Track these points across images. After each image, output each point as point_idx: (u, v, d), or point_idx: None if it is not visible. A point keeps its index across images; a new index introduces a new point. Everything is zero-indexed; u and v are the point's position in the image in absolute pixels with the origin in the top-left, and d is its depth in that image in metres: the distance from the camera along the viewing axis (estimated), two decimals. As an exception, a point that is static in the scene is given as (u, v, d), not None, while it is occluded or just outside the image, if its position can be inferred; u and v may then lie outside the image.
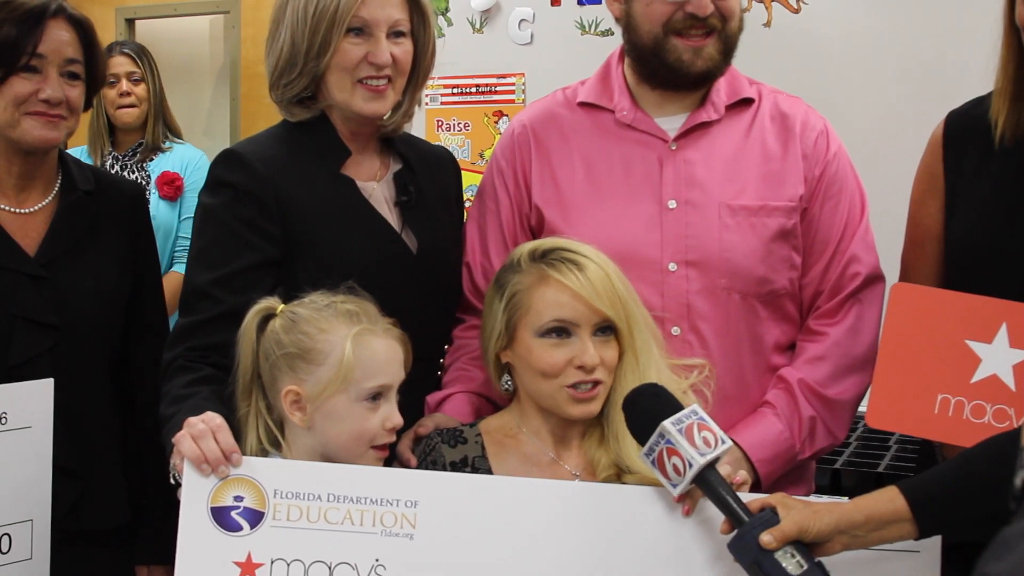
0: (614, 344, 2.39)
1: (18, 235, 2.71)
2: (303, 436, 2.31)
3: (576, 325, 2.36)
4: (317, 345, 2.28)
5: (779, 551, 2.02)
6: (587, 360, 2.34)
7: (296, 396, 2.28)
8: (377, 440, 2.30)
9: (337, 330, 2.29)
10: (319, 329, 2.29)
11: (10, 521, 2.52)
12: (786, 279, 2.69)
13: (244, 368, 2.35)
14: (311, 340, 2.29)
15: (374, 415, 2.29)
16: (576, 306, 2.36)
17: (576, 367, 2.35)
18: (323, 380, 2.27)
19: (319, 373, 2.27)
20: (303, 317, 2.31)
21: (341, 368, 2.26)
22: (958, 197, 2.64)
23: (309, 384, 2.28)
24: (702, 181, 2.69)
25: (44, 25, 2.67)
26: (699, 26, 2.65)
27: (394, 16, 2.62)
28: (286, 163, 2.63)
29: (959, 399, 2.43)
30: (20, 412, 2.51)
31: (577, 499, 2.22)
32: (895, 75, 4.50)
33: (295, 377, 2.29)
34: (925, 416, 2.45)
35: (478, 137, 5.26)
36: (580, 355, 2.34)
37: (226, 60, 7.46)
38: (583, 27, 5.05)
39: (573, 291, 2.35)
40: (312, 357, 2.28)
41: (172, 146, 5.09)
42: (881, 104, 4.48)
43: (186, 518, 2.13)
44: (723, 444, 2.12)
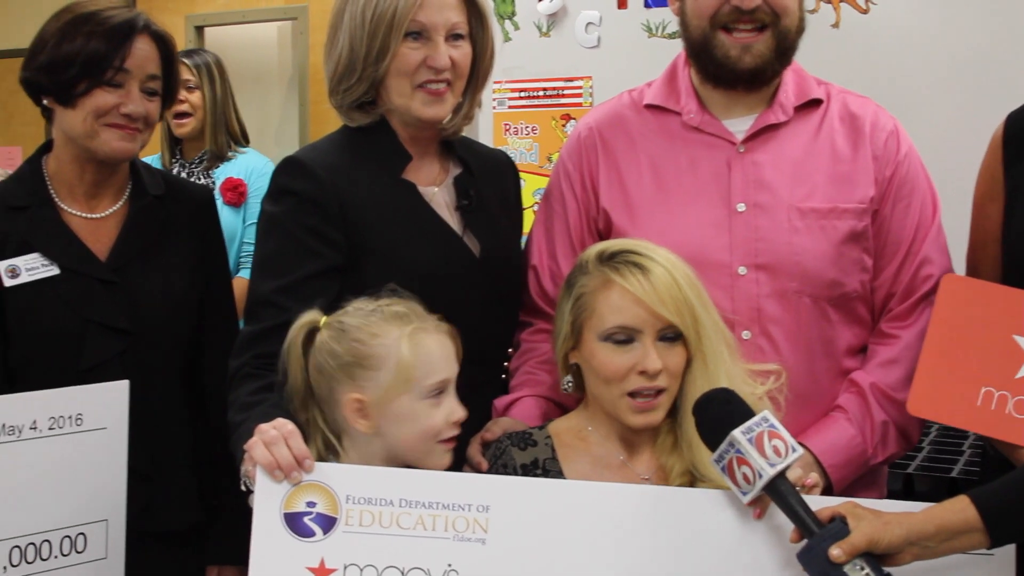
0: (680, 350, 2.37)
1: (90, 240, 2.75)
2: (364, 444, 2.31)
3: (639, 331, 2.34)
4: (373, 351, 2.29)
5: (848, 564, 2.01)
6: (649, 366, 2.33)
7: (359, 404, 2.28)
8: (443, 435, 2.31)
9: (390, 333, 2.30)
10: (372, 335, 2.29)
11: (86, 521, 2.55)
12: (857, 282, 2.67)
13: (295, 385, 2.35)
14: (366, 347, 2.29)
15: (438, 411, 2.30)
16: (638, 312, 2.34)
17: (638, 373, 2.34)
18: (384, 384, 2.27)
19: (379, 378, 2.28)
20: (353, 325, 2.31)
21: (401, 369, 2.27)
22: (1017, 197, 2.61)
23: (370, 390, 2.28)
24: (771, 183, 2.67)
25: (132, 41, 2.71)
26: (746, 20, 2.63)
27: (452, 19, 2.62)
28: (348, 169, 2.64)
29: (1003, 393, 2.42)
30: (96, 414, 2.54)
31: (648, 503, 2.22)
32: (964, 75, 4.45)
33: (355, 385, 2.29)
34: (967, 408, 2.44)
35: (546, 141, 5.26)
36: (642, 361, 2.33)
37: (294, 66, 7.52)
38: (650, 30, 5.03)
39: (636, 296, 2.34)
40: (370, 363, 2.28)
41: (236, 154, 5.11)
42: (950, 104, 4.43)
43: (259, 524, 2.14)
44: (794, 452, 2.10)
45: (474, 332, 2.46)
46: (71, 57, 2.67)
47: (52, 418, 2.49)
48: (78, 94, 2.68)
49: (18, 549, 2.47)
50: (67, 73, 2.67)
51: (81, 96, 2.68)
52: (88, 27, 2.68)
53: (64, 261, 2.70)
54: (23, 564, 2.47)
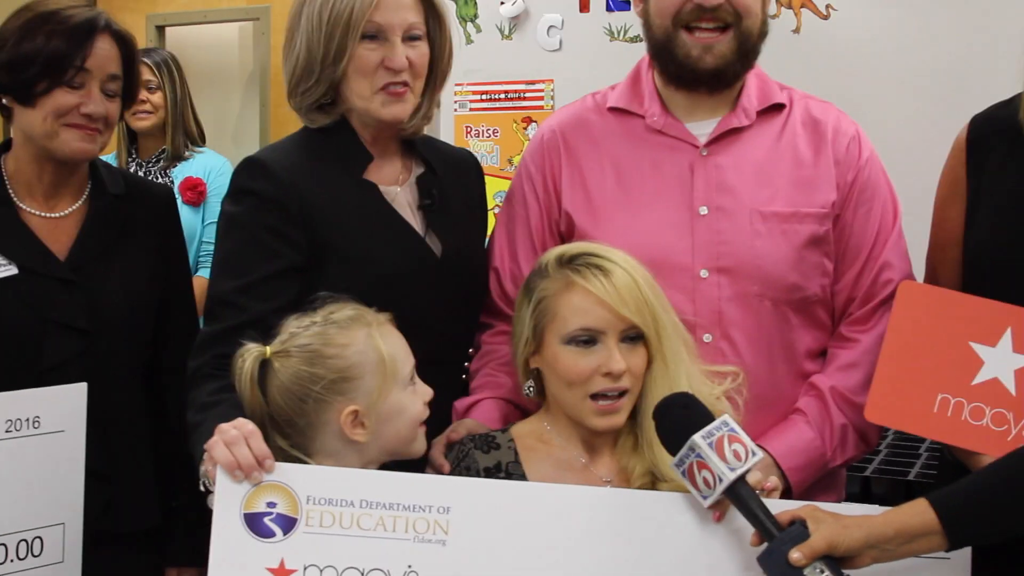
0: (642, 351, 2.38)
1: (49, 240, 2.72)
2: (345, 457, 2.30)
3: (602, 332, 2.35)
4: (351, 360, 2.28)
5: (808, 567, 2.02)
6: (613, 367, 2.33)
7: (354, 415, 2.27)
8: (422, 418, 2.33)
9: (357, 338, 2.29)
10: (342, 346, 2.29)
11: (42, 524, 2.53)
12: (818, 286, 2.68)
13: (254, 419, 2.28)
14: (343, 359, 2.28)
15: (416, 396, 2.33)
16: (602, 313, 2.35)
17: (603, 375, 2.34)
18: (373, 387, 2.27)
19: (365, 384, 2.27)
20: (319, 343, 2.29)
21: (387, 367, 2.27)
22: (979, 201, 2.62)
23: (361, 398, 2.27)
24: (733, 187, 2.68)
25: (93, 40, 2.69)
26: (708, 18, 2.64)
27: (409, 20, 2.61)
28: (308, 169, 2.63)
29: (959, 400, 2.44)
30: (53, 416, 2.52)
31: (609, 505, 2.22)
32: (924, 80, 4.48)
33: (345, 399, 2.28)
34: (924, 414, 2.45)
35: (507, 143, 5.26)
36: (606, 362, 2.33)
37: (256, 67, 7.49)
38: (612, 33, 5.04)
39: (598, 298, 2.34)
40: (354, 372, 2.27)
41: (193, 154, 5.10)
42: (911, 109, 4.46)
43: (219, 524, 2.12)
44: (754, 456, 2.11)
45: (435, 332, 2.47)
46: (31, 56, 2.64)
47: (9, 420, 2.46)
48: (38, 93, 2.66)
49: (-28, 553, 2.46)
50: (27, 72, 2.65)
51: (41, 96, 2.66)
52: (49, 26, 2.66)
53: (23, 260, 2.67)
54: (-22, 567, 2.46)
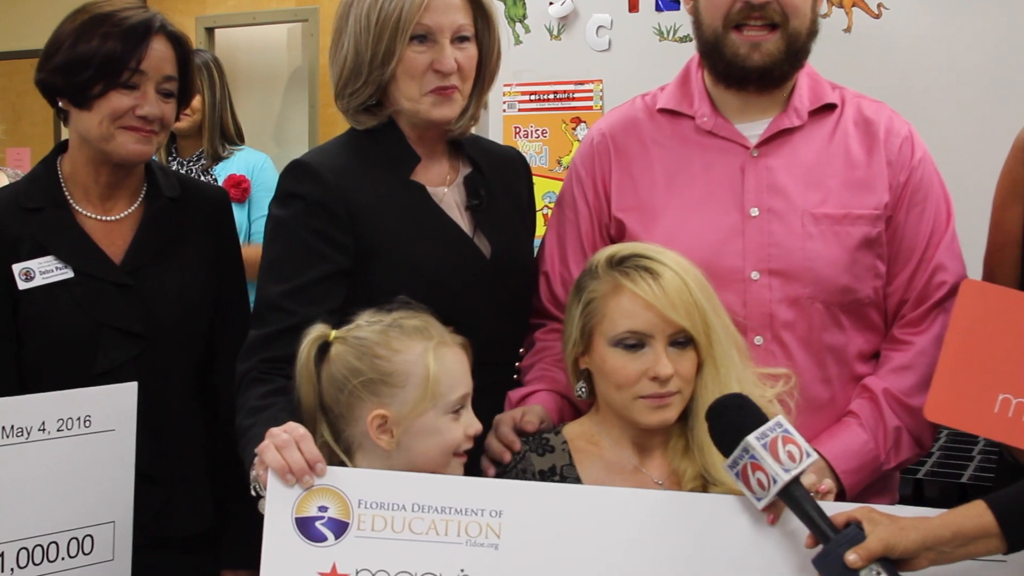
0: (691, 355, 2.36)
1: (104, 243, 2.74)
2: (379, 460, 2.29)
3: (650, 336, 2.34)
4: (396, 367, 2.27)
5: (864, 569, 2.00)
6: (660, 372, 2.32)
7: (383, 420, 2.27)
8: (460, 448, 2.31)
9: (412, 348, 2.29)
10: (394, 351, 2.28)
11: (93, 523, 2.56)
12: (870, 288, 2.66)
13: (307, 401, 2.33)
14: (389, 363, 2.28)
15: (457, 425, 2.30)
16: (649, 317, 2.33)
17: (650, 379, 2.33)
18: (410, 400, 2.26)
19: (404, 395, 2.27)
20: (373, 341, 2.30)
21: (428, 386, 2.26)
22: None
23: (394, 406, 2.27)
24: (784, 189, 2.66)
25: (148, 42, 2.69)
26: (757, 17, 2.62)
27: (458, 21, 2.60)
28: (355, 172, 2.63)
29: (1020, 400, 2.40)
30: (104, 415, 2.54)
31: (662, 508, 2.21)
32: (978, 79, 4.43)
33: (379, 402, 2.27)
34: (984, 414, 2.42)
35: (556, 144, 5.24)
36: (653, 367, 2.32)
37: (304, 68, 7.51)
38: (661, 33, 5.02)
39: (646, 301, 2.33)
40: (394, 380, 2.27)
41: (232, 152, 5.12)
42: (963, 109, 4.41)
43: (270, 529, 2.13)
44: (808, 458, 2.10)
45: (484, 333, 2.46)
46: (87, 58, 2.65)
47: (61, 419, 2.49)
48: (94, 96, 2.67)
49: (25, 551, 2.47)
50: (82, 75, 2.66)
51: (97, 98, 2.67)
52: (104, 28, 2.67)
53: (78, 264, 2.69)
54: (30, 565, 2.48)
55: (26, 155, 7.16)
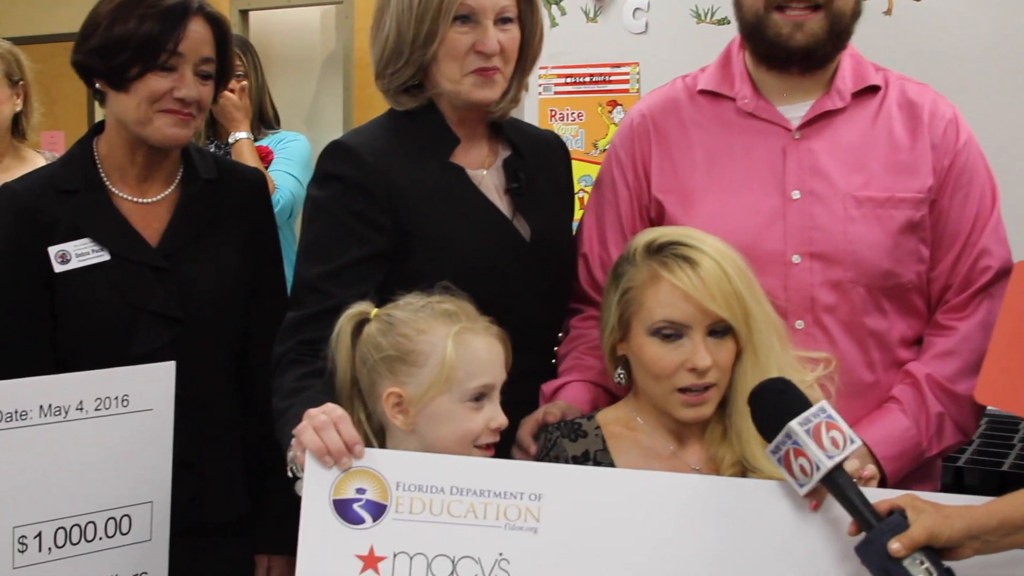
0: (730, 344, 2.34)
1: (140, 225, 2.74)
2: (405, 441, 2.28)
3: (687, 327, 2.31)
4: (417, 346, 2.26)
5: (908, 558, 1.98)
6: (698, 363, 2.30)
7: (398, 399, 2.27)
8: (481, 440, 2.28)
9: (436, 330, 2.27)
10: (418, 330, 2.28)
11: (131, 503, 2.56)
12: (913, 272, 2.63)
13: (342, 376, 2.34)
14: (410, 342, 2.27)
15: (478, 415, 2.27)
16: (687, 307, 2.31)
17: (688, 370, 2.31)
18: (425, 382, 2.25)
19: (420, 375, 2.26)
20: (400, 319, 2.29)
21: (443, 368, 2.24)
22: None
23: (411, 386, 2.26)
24: (826, 171, 2.63)
25: (186, 23, 2.68)
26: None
27: (501, 2, 2.59)
28: (395, 153, 2.62)
29: None
30: (142, 395, 2.54)
31: (702, 492, 2.19)
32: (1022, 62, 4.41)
33: (396, 380, 2.27)
34: None
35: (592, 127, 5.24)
36: (691, 358, 2.30)
37: (338, 50, 7.51)
38: (698, 15, 5.00)
39: (684, 292, 2.30)
40: (412, 359, 2.26)
41: (266, 134, 5.12)
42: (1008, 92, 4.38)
43: (308, 511, 2.12)
44: (852, 444, 2.08)
45: (524, 317, 2.45)
46: (124, 40, 2.65)
47: (98, 399, 2.49)
48: (131, 78, 2.66)
49: (63, 530, 2.48)
50: (119, 57, 2.65)
51: (134, 80, 2.66)
52: (141, 9, 2.66)
53: (114, 247, 2.69)
54: (68, 545, 2.48)
55: (60, 138, 7.19)
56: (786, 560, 2.15)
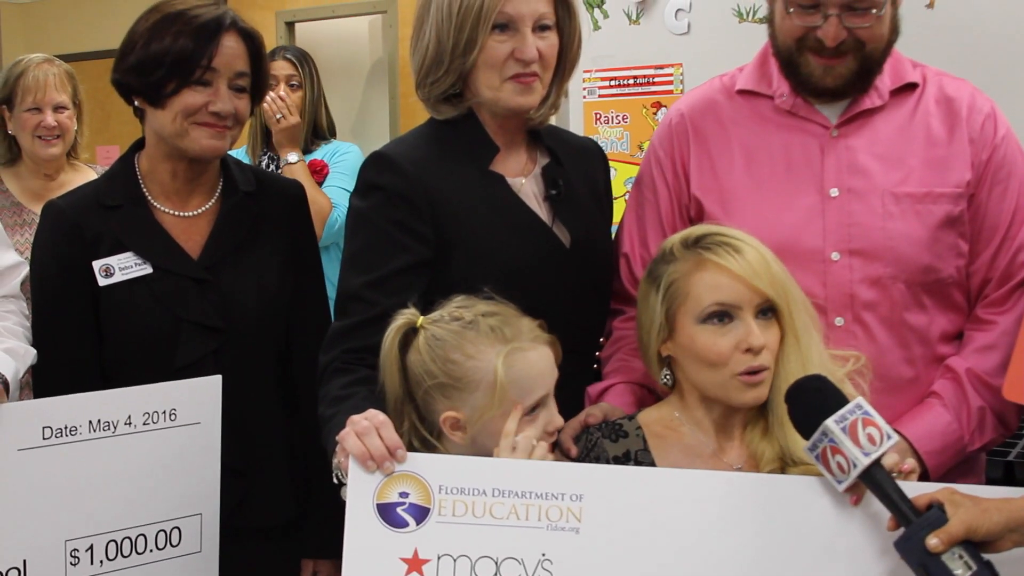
0: (776, 327, 2.35)
1: (182, 239, 2.78)
2: (458, 448, 2.31)
3: (738, 307, 2.32)
4: (467, 373, 2.29)
5: (946, 553, 1.98)
6: (753, 342, 2.30)
7: (455, 421, 2.29)
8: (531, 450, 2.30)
9: (485, 353, 2.29)
10: (467, 356, 2.29)
11: (180, 515, 2.60)
12: (953, 267, 2.63)
13: (392, 389, 2.36)
14: (460, 368, 2.29)
15: (533, 427, 2.29)
16: (737, 287, 2.32)
17: (743, 351, 2.31)
18: (479, 406, 2.28)
19: (474, 399, 2.28)
20: (449, 342, 2.31)
21: (496, 394, 2.26)
22: None
23: (466, 409, 2.29)
24: (865, 168, 2.64)
25: (219, 39, 2.72)
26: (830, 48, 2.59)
27: (539, 10, 2.60)
28: (435, 162, 2.64)
29: None
30: (189, 408, 2.58)
31: (743, 490, 2.20)
32: (1065, 55, 4.37)
33: (450, 404, 2.30)
34: None
35: (637, 129, 5.22)
36: (746, 338, 2.31)
37: (384, 59, 7.54)
38: (740, 15, 4.98)
39: (733, 272, 2.32)
40: (464, 385, 2.29)
41: (319, 144, 5.14)
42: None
43: (352, 515, 2.14)
44: (888, 440, 2.08)
45: (565, 322, 2.46)
46: (159, 57, 2.69)
47: (146, 413, 2.53)
48: (167, 94, 2.70)
49: (114, 543, 2.52)
50: (156, 74, 2.70)
51: (170, 96, 2.70)
52: (176, 26, 2.70)
53: (157, 260, 2.73)
54: (119, 558, 2.53)
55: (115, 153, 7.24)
56: (827, 556, 2.15)
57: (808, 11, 2.57)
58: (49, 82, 4.23)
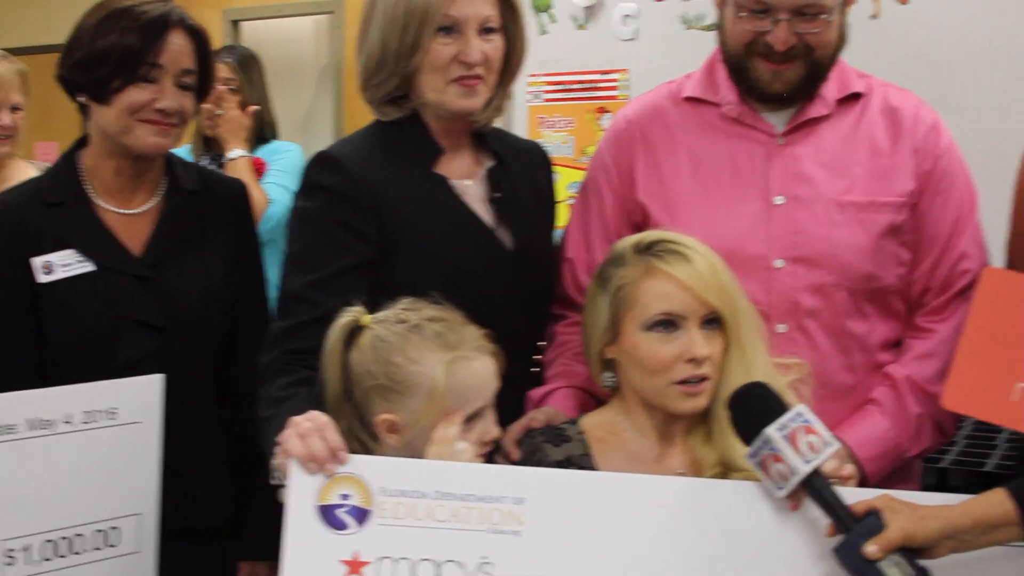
0: (720, 337, 2.36)
1: (125, 236, 2.76)
2: (398, 451, 2.29)
3: (684, 317, 2.33)
4: (408, 377, 2.28)
5: (884, 560, 2.00)
6: (697, 352, 2.31)
7: (392, 424, 2.28)
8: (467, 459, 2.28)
9: (427, 359, 2.28)
10: (409, 359, 2.28)
11: (119, 515, 2.56)
12: (894, 275, 2.66)
13: (332, 385, 2.34)
14: (401, 371, 2.28)
15: (470, 435, 2.29)
16: (684, 297, 2.33)
17: (685, 361, 2.32)
18: (417, 411, 2.27)
19: (412, 404, 2.27)
20: (392, 344, 2.30)
21: (434, 401, 2.25)
22: None
23: (403, 413, 2.28)
24: (810, 176, 2.66)
25: (166, 36, 2.70)
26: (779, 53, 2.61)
27: (484, 13, 2.60)
28: (380, 163, 2.63)
29: None
30: (130, 407, 2.55)
31: (684, 494, 2.20)
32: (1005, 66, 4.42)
33: (388, 406, 2.29)
34: (1000, 403, 2.39)
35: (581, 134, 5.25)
36: (689, 348, 2.31)
37: (330, 60, 7.52)
38: (687, 22, 5.01)
39: (681, 282, 2.33)
40: (404, 389, 2.28)
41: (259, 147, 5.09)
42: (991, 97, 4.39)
43: (293, 517, 2.13)
44: (828, 448, 2.09)
45: (506, 325, 2.45)
46: (105, 53, 2.67)
47: (87, 412, 2.50)
48: (112, 91, 2.68)
49: (51, 543, 2.48)
50: (101, 70, 2.68)
51: (115, 93, 2.68)
52: (122, 23, 2.68)
53: (99, 257, 2.71)
54: (56, 558, 2.49)
55: (54, 149, 7.18)
56: (766, 560, 2.16)
57: (758, 16, 2.58)
58: (12, 82, 4.18)
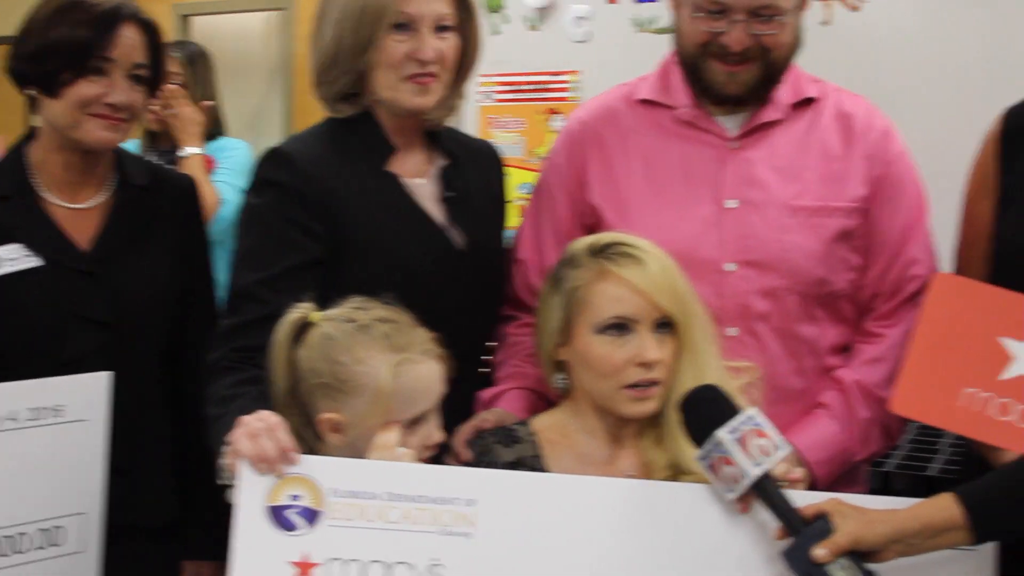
0: (672, 341, 2.36)
1: (72, 231, 2.73)
2: (340, 451, 2.28)
3: (636, 321, 2.34)
4: (353, 377, 2.27)
5: (832, 563, 2.01)
6: (648, 356, 2.32)
7: (335, 423, 2.27)
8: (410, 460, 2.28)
9: (374, 360, 2.27)
10: (355, 359, 2.27)
11: (63, 513, 2.54)
12: (845, 280, 2.67)
13: (279, 382, 2.34)
14: (347, 371, 2.27)
15: (412, 438, 2.28)
16: (637, 301, 2.33)
17: (636, 365, 2.33)
18: (361, 411, 2.26)
19: (356, 404, 2.26)
20: (339, 343, 2.29)
21: (379, 402, 2.25)
22: (1010, 196, 2.60)
23: (346, 412, 2.27)
24: (762, 181, 2.67)
25: (118, 29, 2.68)
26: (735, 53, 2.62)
27: (439, 10, 2.59)
28: (331, 161, 2.62)
29: (985, 395, 2.38)
30: (76, 405, 2.52)
31: (635, 497, 2.21)
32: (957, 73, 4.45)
33: (332, 405, 2.28)
34: (948, 408, 2.38)
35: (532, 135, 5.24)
36: (640, 352, 2.32)
37: (280, 56, 7.50)
38: (640, 24, 5.02)
39: (633, 285, 2.33)
40: (349, 388, 2.27)
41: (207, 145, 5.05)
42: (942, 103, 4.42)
43: (242, 517, 2.12)
44: (778, 451, 2.10)
45: (456, 325, 2.45)
46: (56, 46, 2.64)
47: (32, 409, 2.47)
48: (62, 84, 2.65)
49: (-7, 541, 2.46)
50: (52, 63, 2.65)
51: (65, 86, 2.65)
52: (74, 15, 2.65)
53: (45, 252, 2.68)
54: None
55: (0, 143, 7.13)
56: (715, 563, 2.16)
57: (714, 16, 2.59)
58: None
